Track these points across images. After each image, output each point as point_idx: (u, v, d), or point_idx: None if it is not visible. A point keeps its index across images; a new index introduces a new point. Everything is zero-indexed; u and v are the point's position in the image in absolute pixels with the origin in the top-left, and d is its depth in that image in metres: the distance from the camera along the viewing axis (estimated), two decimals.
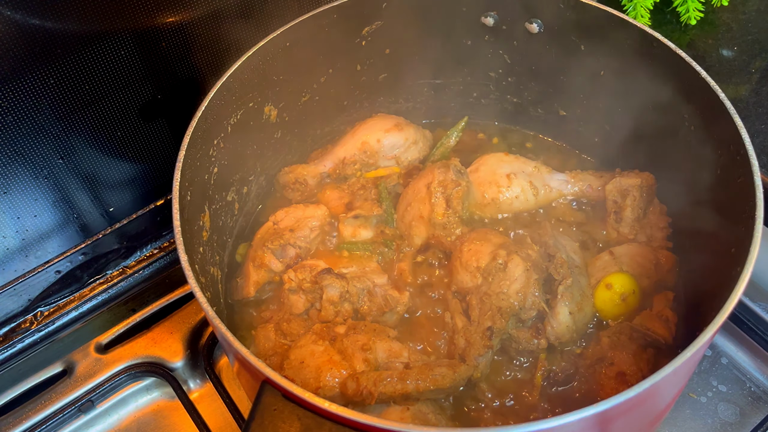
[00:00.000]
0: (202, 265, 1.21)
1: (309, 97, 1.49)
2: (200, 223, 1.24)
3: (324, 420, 0.86)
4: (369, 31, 1.46)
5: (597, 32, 1.36)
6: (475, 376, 1.19)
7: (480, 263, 1.26)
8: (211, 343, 1.47)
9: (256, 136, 1.42)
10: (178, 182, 1.13)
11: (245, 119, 1.35)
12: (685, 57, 1.23)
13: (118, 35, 1.33)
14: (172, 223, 1.09)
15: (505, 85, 1.60)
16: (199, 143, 1.22)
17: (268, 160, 1.51)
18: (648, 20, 1.83)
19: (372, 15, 1.44)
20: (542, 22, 1.43)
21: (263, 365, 0.90)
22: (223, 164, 1.32)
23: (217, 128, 1.28)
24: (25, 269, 1.47)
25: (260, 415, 0.88)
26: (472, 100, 1.65)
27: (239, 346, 0.94)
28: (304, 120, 1.53)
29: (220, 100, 1.26)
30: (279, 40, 1.33)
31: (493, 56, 1.55)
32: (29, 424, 1.38)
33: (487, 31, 1.49)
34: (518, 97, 1.61)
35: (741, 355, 1.43)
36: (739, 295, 0.95)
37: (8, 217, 1.39)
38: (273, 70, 1.36)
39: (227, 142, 1.32)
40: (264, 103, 1.39)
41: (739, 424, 1.34)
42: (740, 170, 1.09)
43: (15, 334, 1.50)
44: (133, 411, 1.45)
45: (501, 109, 1.65)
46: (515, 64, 1.54)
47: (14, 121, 1.28)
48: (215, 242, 1.32)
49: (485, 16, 1.47)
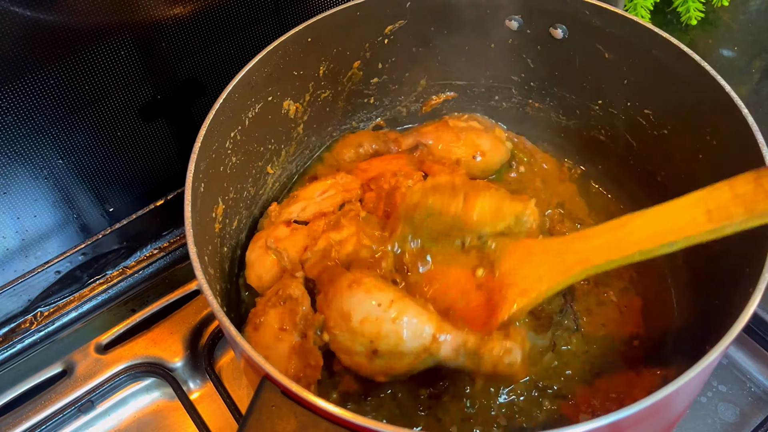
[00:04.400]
0: (212, 257, 1.21)
1: (329, 94, 1.49)
2: (213, 214, 1.24)
3: (320, 419, 0.86)
4: (392, 29, 1.45)
5: (621, 41, 1.35)
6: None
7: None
8: (212, 343, 1.47)
9: (274, 130, 1.42)
10: (191, 173, 1.12)
11: (264, 113, 1.35)
12: (709, 69, 1.22)
13: (118, 35, 1.33)
14: (183, 214, 1.08)
15: (527, 90, 1.59)
16: (216, 135, 1.22)
17: (287, 156, 1.50)
18: (648, 20, 1.83)
19: (395, 14, 1.43)
20: (567, 28, 1.42)
21: (264, 361, 0.90)
22: (240, 157, 1.32)
23: (235, 121, 1.28)
24: (25, 269, 1.47)
25: (258, 410, 0.88)
26: (493, 103, 1.65)
27: (242, 341, 0.94)
28: (323, 116, 1.52)
29: (238, 93, 1.25)
30: (301, 35, 1.33)
31: (516, 60, 1.54)
32: (29, 424, 1.38)
33: (511, 34, 1.49)
34: (541, 102, 1.60)
35: (741, 355, 1.43)
36: (758, 298, 0.94)
37: (8, 217, 1.39)
38: (293, 65, 1.36)
39: (245, 135, 1.31)
40: (284, 98, 1.39)
41: (739, 424, 1.34)
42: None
43: (15, 334, 1.50)
44: (133, 411, 1.45)
45: (522, 114, 1.64)
46: (539, 69, 1.53)
47: (14, 121, 1.28)
48: (227, 234, 1.32)
49: (509, 20, 1.46)
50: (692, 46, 1.84)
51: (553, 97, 1.57)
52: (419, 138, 1.53)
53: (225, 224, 1.30)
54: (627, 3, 1.85)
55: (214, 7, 1.43)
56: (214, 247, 1.23)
